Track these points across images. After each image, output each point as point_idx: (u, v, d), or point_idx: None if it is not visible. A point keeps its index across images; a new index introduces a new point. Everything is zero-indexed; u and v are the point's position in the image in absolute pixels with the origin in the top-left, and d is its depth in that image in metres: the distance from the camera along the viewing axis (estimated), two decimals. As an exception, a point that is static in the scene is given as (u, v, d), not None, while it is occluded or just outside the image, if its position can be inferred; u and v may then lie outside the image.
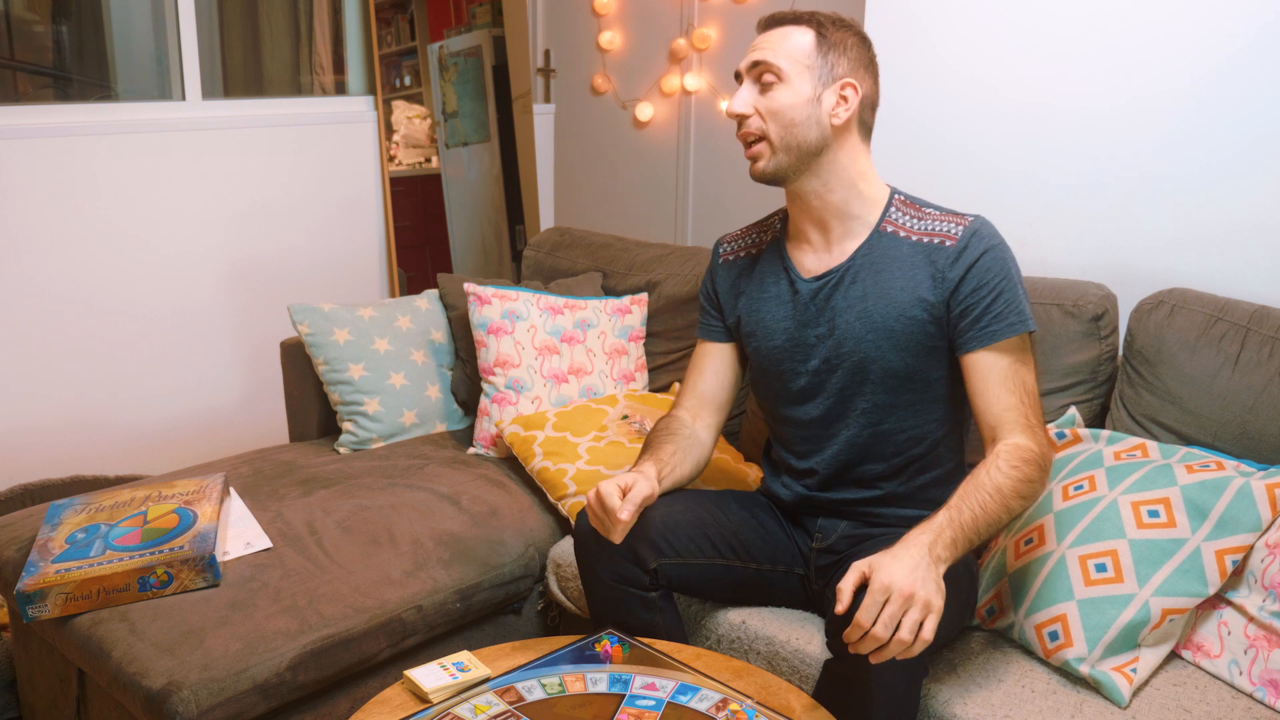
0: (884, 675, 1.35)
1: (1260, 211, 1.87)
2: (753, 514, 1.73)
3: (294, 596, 1.73)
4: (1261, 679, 1.47)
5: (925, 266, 1.57)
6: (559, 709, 1.35)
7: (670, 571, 1.62)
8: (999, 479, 1.44)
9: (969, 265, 1.54)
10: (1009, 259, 1.57)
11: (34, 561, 1.73)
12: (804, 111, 1.55)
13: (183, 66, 2.89)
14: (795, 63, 1.55)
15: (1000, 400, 1.52)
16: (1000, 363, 1.53)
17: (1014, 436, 1.49)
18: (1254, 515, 1.52)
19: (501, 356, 2.34)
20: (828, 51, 1.56)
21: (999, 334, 1.53)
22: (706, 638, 1.73)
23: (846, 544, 1.68)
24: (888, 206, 1.62)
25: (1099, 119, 2.03)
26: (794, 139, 1.56)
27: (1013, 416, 1.51)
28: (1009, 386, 1.53)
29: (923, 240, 1.59)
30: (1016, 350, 1.54)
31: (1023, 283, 1.58)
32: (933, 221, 1.60)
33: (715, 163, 3.13)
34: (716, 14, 3.05)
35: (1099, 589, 1.53)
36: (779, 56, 1.56)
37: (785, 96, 1.55)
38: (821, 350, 1.63)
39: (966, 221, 1.58)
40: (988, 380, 1.54)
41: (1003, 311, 1.54)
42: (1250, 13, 1.83)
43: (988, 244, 1.56)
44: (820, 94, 1.55)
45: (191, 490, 1.96)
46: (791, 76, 1.55)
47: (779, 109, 1.55)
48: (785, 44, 1.56)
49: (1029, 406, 1.52)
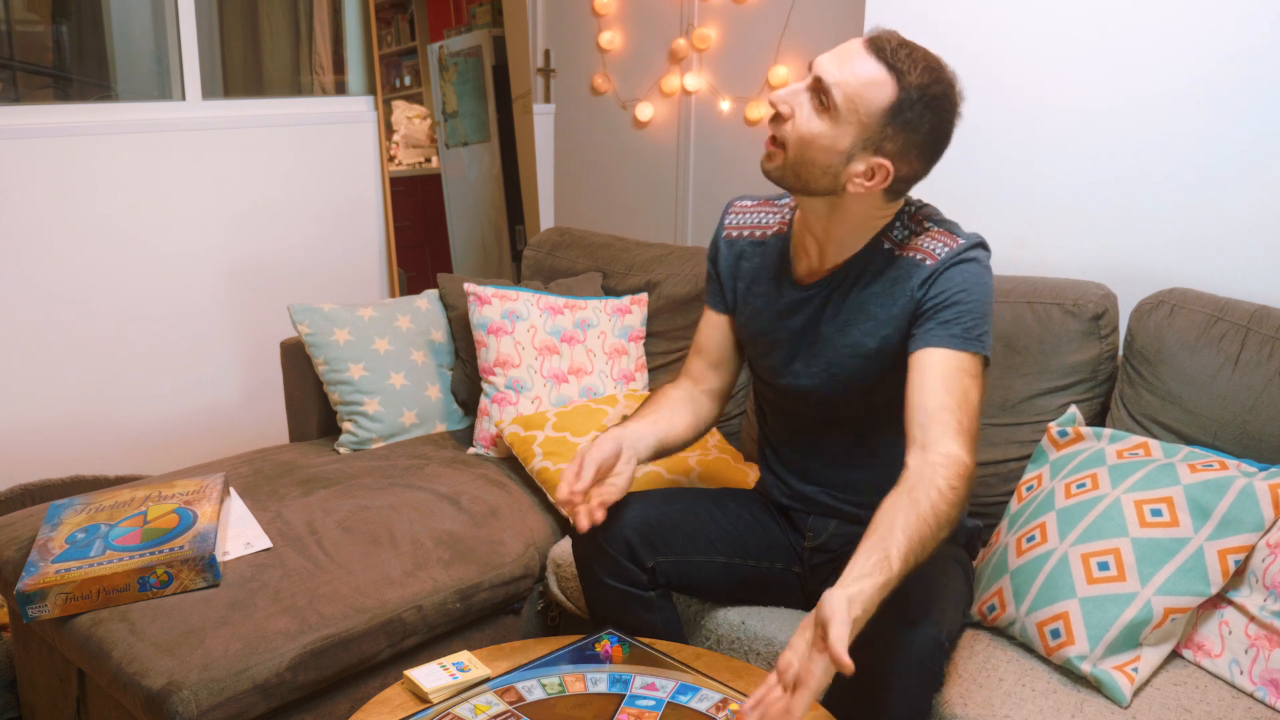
0: (903, 691, 1.35)
1: (1260, 211, 1.87)
2: (750, 512, 1.73)
3: (294, 596, 1.73)
4: (1262, 678, 1.47)
5: (904, 282, 1.50)
6: (559, 709, 1.35)
7: (668, 570, 1.62)
8: (940, 505, 1.31)
9: (938, 276, 1.47)
10: (982, 281, 1.47)
11: (34, 561, 1.73)
12: (826, 158, 1.42)
13: (183, 66, 2.89)
14: (855, 110, 1.39)
15: (935, 398, 1.40)
16: (944, 363, 1.42)
17: (945, 443, 1.36)
18: (1256, 515, 1.52)
19: (501, 356, 2.33)
20: (891, 123, 1.39)
21: (941, 340, 1.43)
22: (706, 638, 1.73)
23: (838, 542, 1.67)
24: (893, 220, 1.54)
25: (1099, 119, 2.03)
26: (805, 172, 1.45)
27: (946, 419, 1.38)
28: (948, 387, 1.40)
29: (910, 255, 1.51)
30: (965, 363, 1.43)
31: (990, 314, 1.47)
32: (927, 238, 1.51)
33: (715, 163, 3.13)
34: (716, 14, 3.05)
35: (1101, 587, 1.53)
36: (844, 93, 1.38)
37: (822, 131, 1.41)
38: (804, 356, 1.61)
39: (956, 242, 1.49)
40: (926, 376, 1.42)
41: (951, 321, 1.44)
42: (1251, 13, 1.84)
43: (964, 258, 1.47)
44: (854, 154, 1.41)
45: (191, 490, 1.96)
46: (841, 119, 1.39)
47: (809, 138, 1.42)
48: (861, 84, 1.38)
49: (965, 414, 1.40)
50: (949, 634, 1.41)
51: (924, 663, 1.35)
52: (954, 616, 1.47)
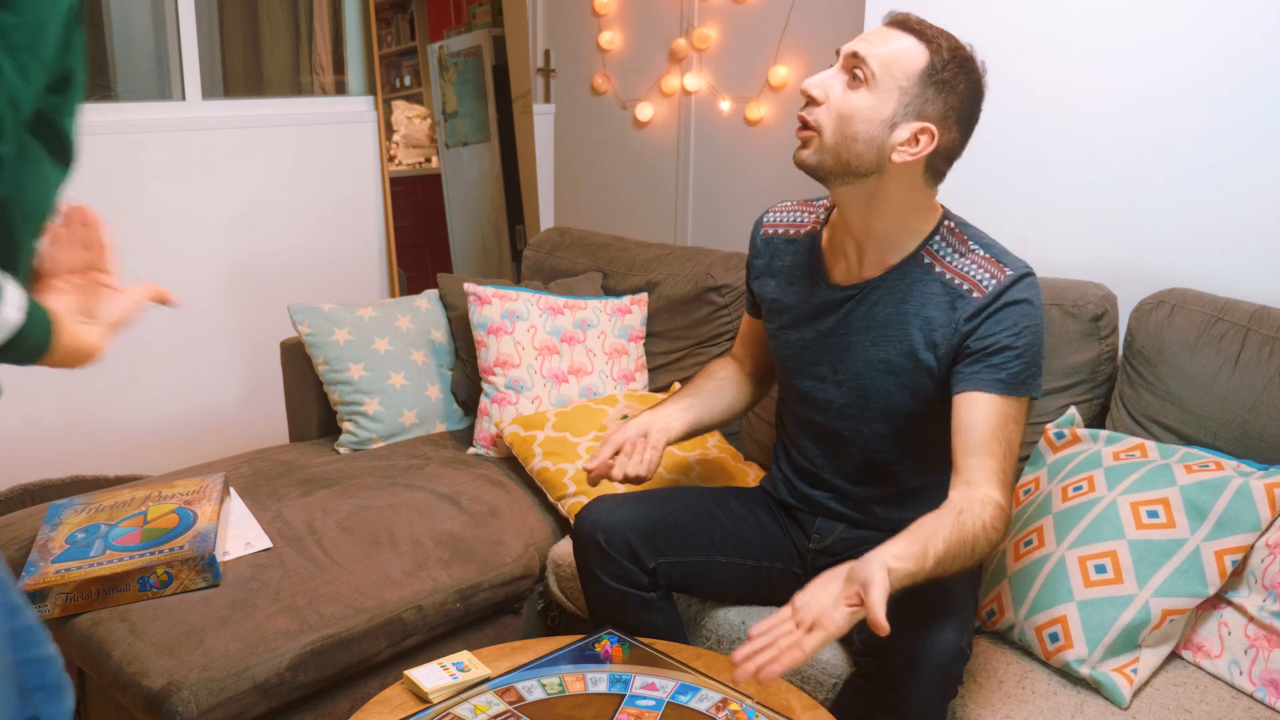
0: (922, 698, 1.35)
1: (1260, 211, 1.87)
2: (751, 511, 1.73)
3: (294, 596, 1.73)
4: (1262, 679, 1.47)
5: (946, 311, 1.48)
6: (559, 709, 1.35)
7: (669, 571, 1.62)
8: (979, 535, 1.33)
9: (988, 315, 1.45)
10: (1034, 322, 1.46)
11: (34, 561, 1.73)
12: (869, 129, 1.41)
13: (183, 66, 2.89)
14: (892, 76, 1.40)
15: (981, 444, 1.41)
16: (991, 408, 1.43)
17: (989, 488, 1.39)
18: (1253, 515, 1.52)
19: (501, 356, 2.33)
20: (929, 85, 1.40)
21: (990, 385, 1.43)
22: (706, 638, 1.73)
23: (844, 545, 1.67)
24: (933, 233, 1.52)
25: (1101, 119, 2.03)
26: (847, 150, 1.43)
27: (990, 465, 1.40)
28: (994, 434, 1.41)
29: (954, 282, 1.48)
30: (1011, 407, 1.44)
31: (1042, 355, 1.47)
32: (972, 264, 1.48)
33: (715, 163, 3.13)
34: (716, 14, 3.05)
35: (1099, 590, 1.53)
36: (880, 61, 1.40)
37: (862, 104, 1.41)
38: (831, 362, 1.60)
39: (1005, 274, 1.46)
40: (973, 421, 1.43)
41: (1001, 365, 1.44)
42: (1252, 13, 1.83)
43: (1016, 298, 1.45)
44: (897, 122, 1.41)
45: (191, 490, 1.96)
46: (881, 88, 1.40)
47: (849, 113, 1.41)
48: (894, 52, 1.41)
49: (1008, 463, 1.42)
50: (968, 641, 1.42)
51: (945, 669, 1.35)
52: (970, 623, 1.47)
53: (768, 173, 2.90)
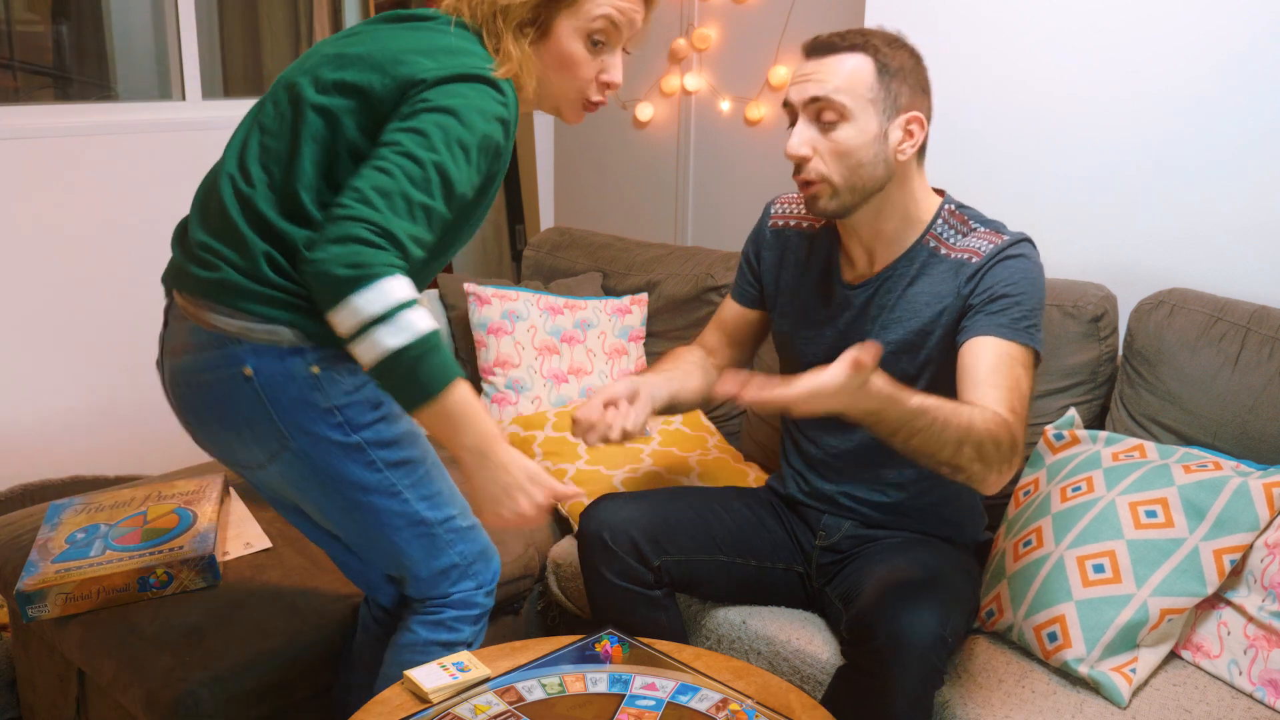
0: (905, 685, 1.35)
1: (1260, 211, 1.87)
2: (754, 511, 1.73)
3: (294, 596, 1.73)
4: (1261, 679, 1.47)
5: (951, 281, 1.51)
6: (559, 709, 1.35)
7: (673, 569, 1.62)
8: (975, 417, 1.30)
9: (985, 272, 1.48)
10: (1030, 275, 1.47)
11: (34, 561, 1.73)
12: (871, 150, 1.44)
13: (183, 66, 2.89)
14: (858, 97, 1.43)
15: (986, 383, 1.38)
16: (994, 350, 1.41)
17: (1000, 410, 1.35)
18: (1251, 515, 1.52)
19: (501, 356, 2.34)
20: (889, 80, 1.44)
21: (990, 329, 1.43)
22: (706, 638, 1.73)
23: (850, 544, 1.67)
24: (934, 219, 1.56)
25: (1099, 118, 2.03)
26: (860, 180, 1.46)
27: (996, 395, 1.36)
28: (999, 375, 1.38)
29: (958, 257, 1.52)
30: (1016, 352, 1.43)
31: (1041, 308, 1.47)
32: (974, 238, 1.52)
33: (715, 163, 3.13)
34: (716, 14, 3.05)
35: (1097, 590, 1.53)
36: (840, 92, 1.43)
37: (851, 136, 1.44)
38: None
39: (1001, 239, 1.50)
40: (976, 364, 1.41)
41: (999, 313, 1.44)
42: (1251, 12, 1.83)
43: (1011, 254, 1.48)
44: (886, 129, 1.45)
45: (191, 490, 1.96)
46: (856, 113, 1.43)
47: (845, 150, 1.44)
48: (843, 76, 1.44)
49: (1016, 398, 1.38)
50: (952, 631, 1.41)
51: (925, 656, 1.35)
52: (957, 617, 1.47)
53: (768, 173, 2.90)
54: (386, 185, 1.21)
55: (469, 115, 1.25)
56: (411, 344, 1.20)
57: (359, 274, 1.18)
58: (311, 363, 1.34)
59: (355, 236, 1.19)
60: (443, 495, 1.49)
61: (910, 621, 1.35)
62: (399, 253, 1.21)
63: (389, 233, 1.20)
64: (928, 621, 1.35)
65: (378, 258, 1.18)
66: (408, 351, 1.20)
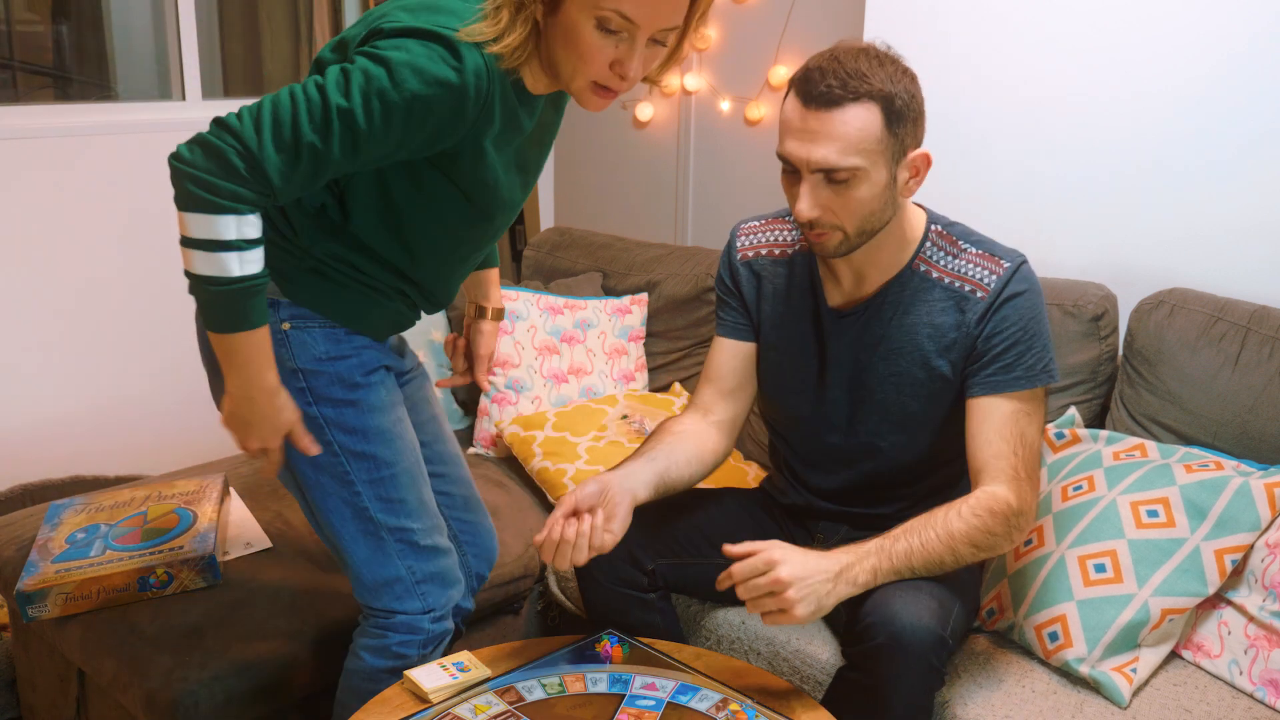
0: (904, 685, 1.35)
1: (1260, 211, 1.87)
2: (750, 513, 1.72)
3: (294, 596, 1.73)
4: (1262, 679, 1.47)
5: (953, 314, 1.49)
6: (559, 709, 1.35)
7: (668, 572, 1.62)
8: (954, 523, 1.38)
9: (993, 314, 1.47)
10: (1037, 312, 1.48)
11: (34, 561, 1.73)
12: (881, 199, 1.41)
13: (183, 66, 2.89)
14: (868, 153, 1.36)
15: (991, 446, 1.45)
16: (1001, 409, 1.46)
17: (993, 485, 1.42)
18: (1253, 514, 1.52)
19: (501, 356, 2.33)
20: (897, 126, 1.37)
21: (1002, 386, 1.46)
22: (706, 638, 1.73)
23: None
24: (923, 241, 1.53)
25: (1100, 117, 2.03)
26: (871, 225, 1.44)
27: (1000, 465, 1.43)
28: (1003, 434, 1.45)
29: (954, 284, 1.50)
30: (1023, 401, 1.46)
31: (1049, 337, 1.49)
32: (968, 263, 1.50)
33: (715, 163, 3.13)
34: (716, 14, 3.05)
35: (1098, 589, 1.53)
36: (850, 154, 1.35)
37: (863, 191, 1.39)
38: (841, 384, 1.59)
39: (1002, 268, 1.48)
40: (983, 425, 1.46)
41: (1013, 364, 1.46)
42: (1251, 12, 1.83)
43: (1017, 289, 1.47)
44: (895, 174, 1.41)
45: (191, 490, 1.96)
46: (868, 169, 1.37)
47: (855, 205, 1.40)
48: (852, 134, 1.35)
49: (1020, 459, 1.44)
50: (952, 631, 1.41)
51: (925, 656, 1.35)
52: (958, 617, 1.47)
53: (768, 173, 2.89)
54: (283, 114, 1.20)
55: (401, 71, 1.20)
56: (215, 277, 1.22)
57: (203, 197, 1.18)
58: (284, 319, 1.37)
59: (222, 155, 1.18)
60: (405, 505, 1.46)
61: (910, 622, 1.35)
62: (260, 186, 1.20)
63: (257, 165, 1.19)
64: (928, 622, 1.35)
65: (226, 189, 1.18)
66: (209, 284, 1.23)
